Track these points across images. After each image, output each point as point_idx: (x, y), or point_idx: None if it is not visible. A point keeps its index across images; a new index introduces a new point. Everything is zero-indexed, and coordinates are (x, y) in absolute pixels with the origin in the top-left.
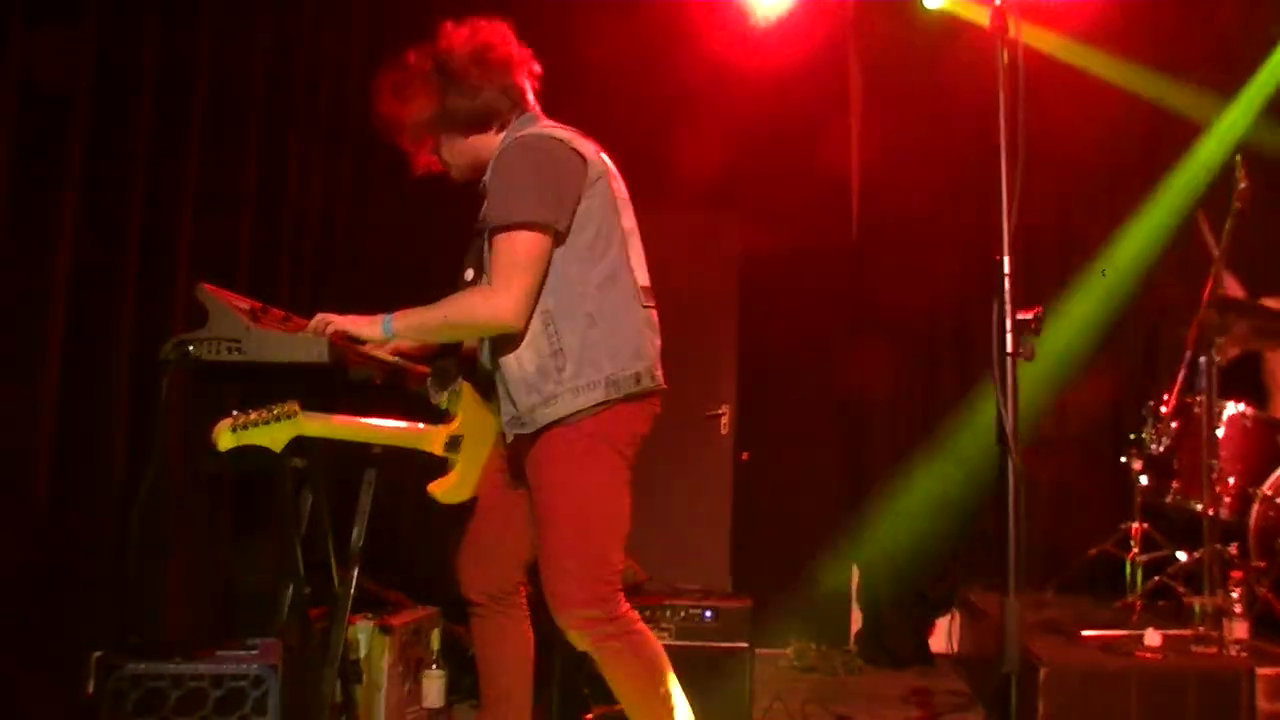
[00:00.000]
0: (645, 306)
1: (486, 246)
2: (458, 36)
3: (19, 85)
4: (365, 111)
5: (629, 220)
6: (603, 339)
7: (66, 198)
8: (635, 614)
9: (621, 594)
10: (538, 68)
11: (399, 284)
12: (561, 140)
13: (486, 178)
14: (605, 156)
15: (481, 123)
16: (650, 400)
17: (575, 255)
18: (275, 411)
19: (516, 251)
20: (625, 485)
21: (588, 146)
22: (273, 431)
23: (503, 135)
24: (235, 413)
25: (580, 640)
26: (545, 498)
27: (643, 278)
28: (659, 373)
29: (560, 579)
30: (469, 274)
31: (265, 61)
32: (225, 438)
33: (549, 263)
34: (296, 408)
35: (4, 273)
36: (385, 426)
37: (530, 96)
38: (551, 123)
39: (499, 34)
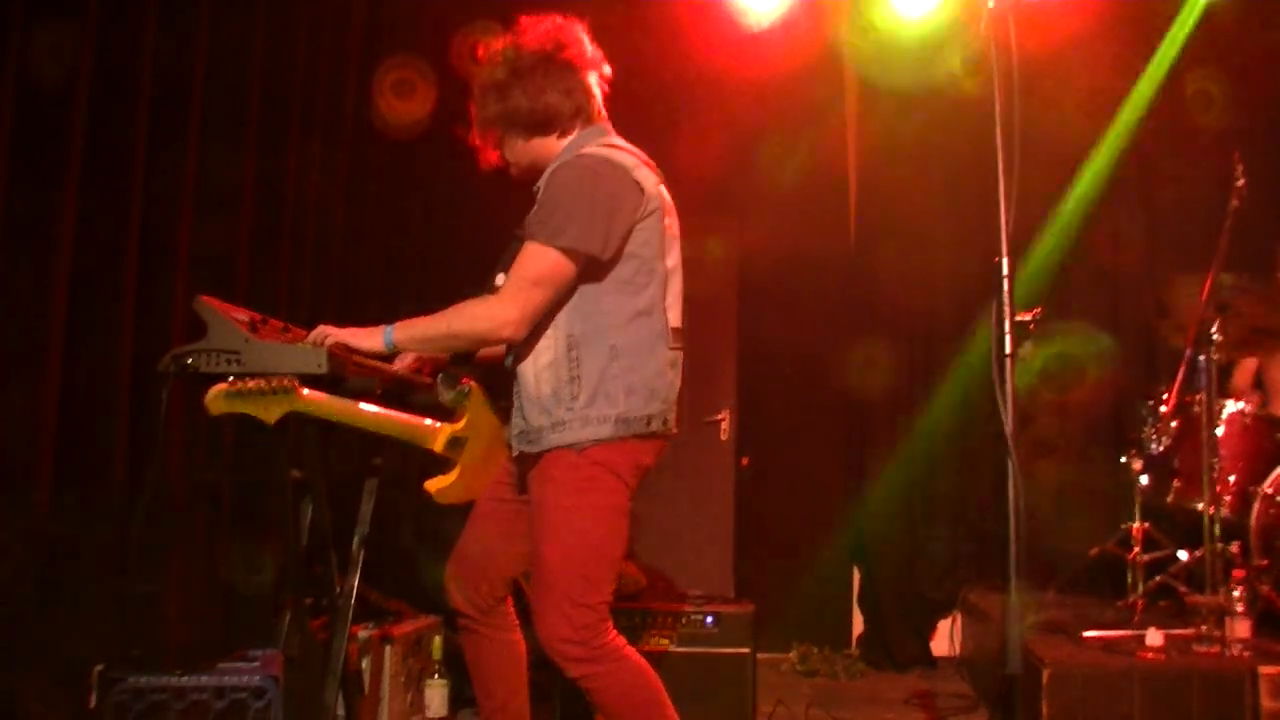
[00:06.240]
0: (673, 348)
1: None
2: (529, 35)
3: (19, 85)
4: (364, 110)
5: (674, 258)
6: (622, 374)
7: (66, 197)
8: (622, 640)
9: (609, 623)
10: (608, 70)
11: (398, 282)
12: (624, 168)
13: (541, 183)
14: (664, 189)
15: (543, 126)
16: (658, 440)
17: (612, 286)
18: (274, 383)
19: (541, 268)
20: (624, 514)
21: (649, 177)
22: (268, 403)
23: (565, 142)
24: (232, 378)
25: (566, 668)
26: (542, 518)
27: (675, 319)
28: (672, 418)
29: (547, 603)
30: (500, 278)
31: (263, 61)
32: (219, 402)
33: (578, 289)
34: (295, 382)
35: (4, 273)
36: (384, 414)
37: (598, 102)
38: (619, 141)
39: (570, 35)
